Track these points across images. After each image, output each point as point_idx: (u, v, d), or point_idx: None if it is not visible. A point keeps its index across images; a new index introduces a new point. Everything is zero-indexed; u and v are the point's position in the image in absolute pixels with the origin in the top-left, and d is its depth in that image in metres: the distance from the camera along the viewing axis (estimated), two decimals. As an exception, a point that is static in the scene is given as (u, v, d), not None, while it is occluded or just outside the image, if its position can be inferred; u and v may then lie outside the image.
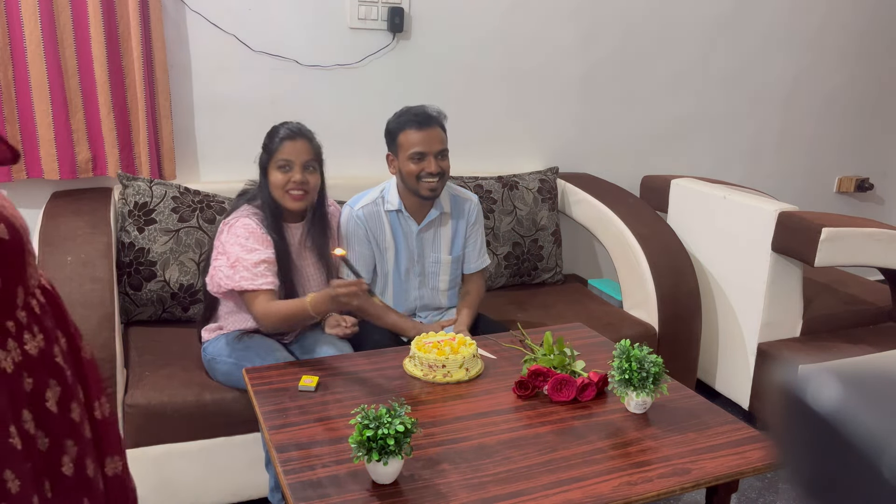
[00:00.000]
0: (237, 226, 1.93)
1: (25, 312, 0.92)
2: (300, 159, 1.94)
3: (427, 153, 2.06)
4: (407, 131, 2.07)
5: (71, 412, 1.00)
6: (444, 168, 2.10)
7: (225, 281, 1.89)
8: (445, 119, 2.14)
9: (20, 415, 0.89)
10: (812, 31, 3.58)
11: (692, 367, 2.67)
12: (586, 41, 3.12)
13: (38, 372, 0.93)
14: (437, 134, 2.09)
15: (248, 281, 1.87)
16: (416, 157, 2.07)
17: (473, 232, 2.29)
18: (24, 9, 2.22)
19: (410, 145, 2.07)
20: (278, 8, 2.62)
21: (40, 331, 0.95)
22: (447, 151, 2.12)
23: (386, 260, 2.20)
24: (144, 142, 2.43)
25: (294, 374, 1.77)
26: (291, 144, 1.93)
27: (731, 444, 1.55)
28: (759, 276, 2.59)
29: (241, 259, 1.88)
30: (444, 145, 2.10)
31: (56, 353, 0.97)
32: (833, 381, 0.30)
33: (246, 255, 1.88)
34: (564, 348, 1.82)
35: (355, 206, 2.17)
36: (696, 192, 2.89)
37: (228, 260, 1.89)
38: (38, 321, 0.95)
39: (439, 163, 2.08)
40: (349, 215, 2.16)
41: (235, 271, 1.87)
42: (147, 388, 1.94)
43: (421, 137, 2.06)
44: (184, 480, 1.99)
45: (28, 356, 0.91)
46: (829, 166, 3.89)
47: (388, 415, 1.33)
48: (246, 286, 1.87)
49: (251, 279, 1.87)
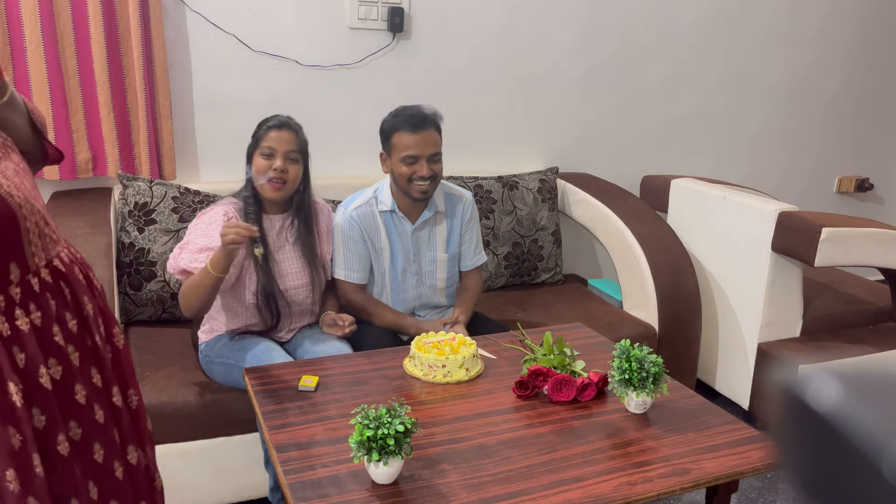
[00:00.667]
0: (207, 213, 1.95)
1: (20, 289, 0.94)
2: (283, 148, 1.95)
3: (419, 156, 2.06)
4: (401, 132, 2.06)
5: (75, 394, 1.00)
6: (435, 171, 2.09)
7: (171, 262, 1.89)
8: (441, 119, 2.13)
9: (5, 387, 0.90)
10: (812, 31, 3.58)
11: (692, 367, 2.67)
12: (586, 41, 3.12)
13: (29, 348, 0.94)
14: (431, 136, 2.08)
15: (187, 262, 1.85)
16: (408, 159, 2.06)
17: (469, 229, 2.29)
18: (24, 9, 2.22)
19: (403, 147, 2.06)
20: (278, 8, 2.62)
21: (37, 308, 0.95)
22: (440, 155, 2.11)
23: (382, 260, 2.20)
24: (144, 142, 2.43)
25: (294, 374, 1.77)
26: (277, 133, 1.95)
27: (731, 444, 1.55)
28: (759, 276, 2.59)
29: (192, 242, 1.88)
30: (437, 148, 2.09)
31: (55, 332, 0.98)
32: (833, 381, 0.30)
33: (198, 240, 1.88)
34: (564, 348, 1.82)
35: (349, 208, 2.16)
36: (696, 192, 2.89)
37: (181, 243, 1.91)
38: (35, 299, 0.96)
39: (431, 166, 2.07)
40: (343, 217, 2.16)
41: (182, 251, 1.87)
42: (147, 388, 1.94)
43: (414, 140, 2.05)
44: (184, 480, 1.99)
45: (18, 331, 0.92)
46: (829, 166, 3.90)
47: (388, 415, 1.33)
48: (184, 266, 1.85)
49: (190, 262, 1.85)
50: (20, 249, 0.94)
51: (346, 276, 2.17)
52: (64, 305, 1.01)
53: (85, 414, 1.02)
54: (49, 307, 0.98)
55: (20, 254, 0.94)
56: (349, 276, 2.17)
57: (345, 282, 2.18)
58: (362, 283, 2.21)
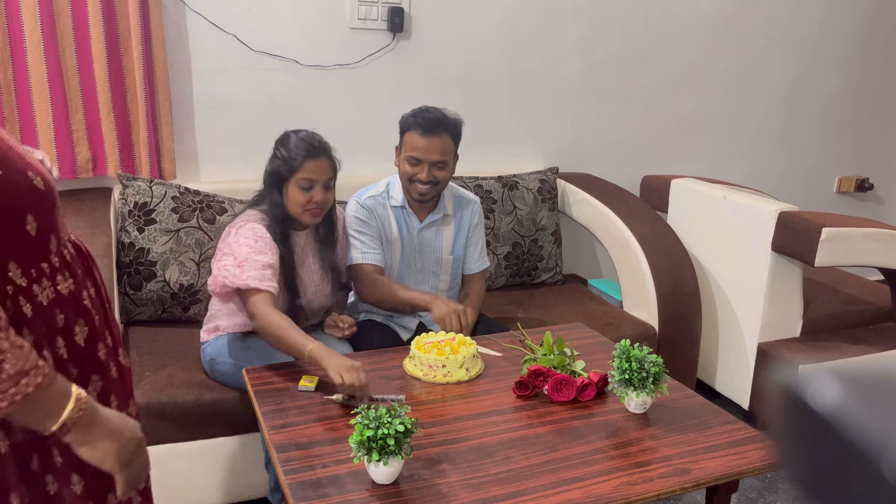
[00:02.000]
0: (245, 229, 1.92)
1: (58, 258, 1.06)
2: (322, 179, 1.92)
3: (423, 160, 2.06)
4: (412, 132, 2.07)
5: (98, 351, 1.13)
6: (437, 178, 2.08)
7: (231, 279, 1.88)
8: (460, 126, 2.11)
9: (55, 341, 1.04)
10: (812, 31, 3.58)
11: (692, 367, 2.67)
12: (586, 41, 3.12)
13: (68, 310, 1.06)
14: (441, 143, 2.06)
15: (256, 280, 1.86)
16: (411, 160, 2.07)
17: (475, 233, 2.29)
18: (24, 9, 2.22)
19: (410, 148, 2.07)
20: (278, 8, 2.62)
21: (70, 276, 1.08)
22: (446, 162, 2.09)
23: (392, 253, 2.20)
24: (144, 142, 2.43)
25: (294, 374, 1.77)
26: (314, 164, 1.91)
27: (731, 444, 1.55)
28: (759, 276, 2.59)
29: (251, 259, 1.87)
30: (444, 156, 2.07)
31: (84, 297, 1.11)
32: (833, 381, 0.30)
33: (256, 256, 1.88)
34: (564, 348, 1.82)
35: (361, 198, 2.17)
36: (696, 192, 2.89)
37: (236, 259, 1.88)
38: (68, 268, 1.09)
39: (433, 172, 2.07)
40: (355, 206, 2.16)
41: (243, 270, 1.87)
42: (147, 388, 1.94)
43: (422, 143, 2.05)
44: (184, 480, 1.99)
45: (60, 295, 1.05)
46: (829, 166, 3.90)
47: (388, 415, 1.33)
48: (252, 284, 1.86)
49: (258, 279, 1.86)
50: (56, 222, 1.06)
51: (363, 258, 2.12)
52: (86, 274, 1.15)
53: (104, 369, 1.14)
54: (77, 274, 1.11)
55: (56, 226, 1.06)
56: (366, 258, 2.12)
57: (362, 265, 2.12)
58: (380, 264, 2.14)
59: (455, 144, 2.12)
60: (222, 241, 1.96)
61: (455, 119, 2.11)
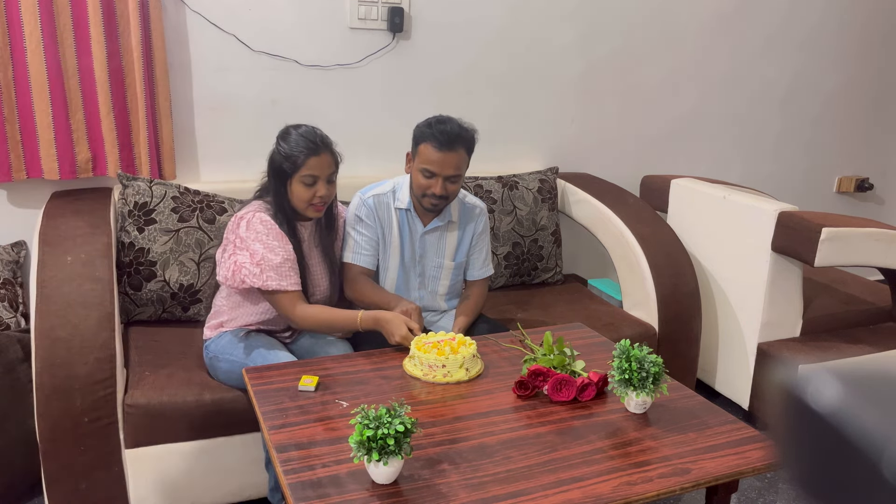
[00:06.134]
0: (254, 221, 1.92)
1: None
2: (325, 174, 1.93)
3: (437, 174, 2.04)
4: (428, 144, 2.04)
5: None
6: (450, 192, 2.08)
7: (251, 279, 1.89)
8: (474, 137, 2.09)
9: None
10: (812, 31, 3.59)
11: (692, 367, 2.67)
12: (586, 41, 3.12)
13: None
14: (456, 158, 2.04)
15: (276, 281, 1.88)
16: (426, 173, 2.05)
17: (480, 240, 2.29)
18: (24, 9, 2.22)
19: (425, 161, 2.04)
20: (278, 8, 2.62)
21: None
22: (460, 176, 2.08)
23: (390, 255, 2.20)
24: (144, 142, 2.43)
25: (294, 374, 1.77)
26: (317, 160, 1.92)
27: (731, 444, 1.55)
28: (759, 276, 2.59)
29: (266, 258, 1.88)
30: (458, 171, 2.06)
31: None
32: (833, 381, 0.30)
33: (270, 255, 1.89)
34: (564, 348, 1.82)
35: (366, 195, 2.17)
36: (696, 192, 2.89)
37: (253, 258, 1.89)
38: None
39: (447, 186, 2.06)
40: (358, 203, 2.17)
41: (262, 270, 1.88)
42: (147, 388, 1.94)
43: (438, 157, 2.03)
44: (184, 480, 1.99)
45: None
46: (829, 166, 3.90)
47: (388, 415, 1.33)
48: (273, 286, 1.89)
49: (278, 280, 1.88)
50: None
51: (353, 258, 2.14)
52: None
53: None
54: None
55: None
56: (356, 259, 2.14)
57: (351, 264, 2.15)
58: (369, 267, 2.16)
59: (469, 157, 2.11)
60: (231, 233, 1.96)
61: (470, 132, 2.09)
